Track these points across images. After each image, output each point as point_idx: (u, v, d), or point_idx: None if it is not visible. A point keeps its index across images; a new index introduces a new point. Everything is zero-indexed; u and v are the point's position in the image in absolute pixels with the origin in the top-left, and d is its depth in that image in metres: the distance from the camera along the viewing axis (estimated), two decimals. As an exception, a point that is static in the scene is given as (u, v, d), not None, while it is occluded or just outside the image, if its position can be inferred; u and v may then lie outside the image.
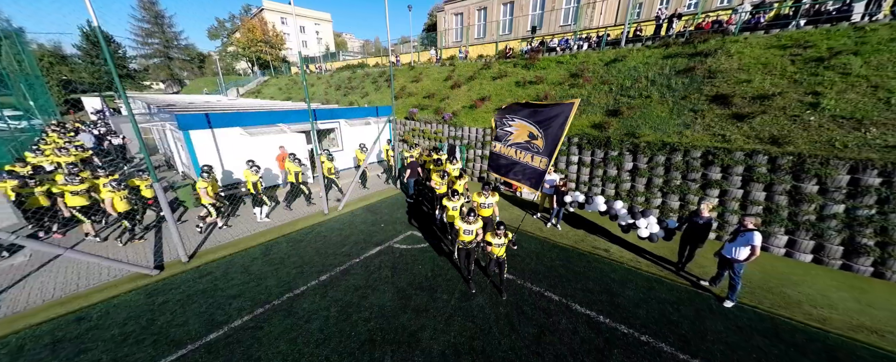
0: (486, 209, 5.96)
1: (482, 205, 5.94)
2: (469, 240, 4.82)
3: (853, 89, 6.79)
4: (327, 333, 4.12)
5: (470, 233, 4.79)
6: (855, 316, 4.46)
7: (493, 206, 6.06)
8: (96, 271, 5.37)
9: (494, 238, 4.53)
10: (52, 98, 28.21)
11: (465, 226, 4.78)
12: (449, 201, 5.83)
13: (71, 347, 3.86)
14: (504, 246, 4.60)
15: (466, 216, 4.80)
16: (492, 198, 6.02)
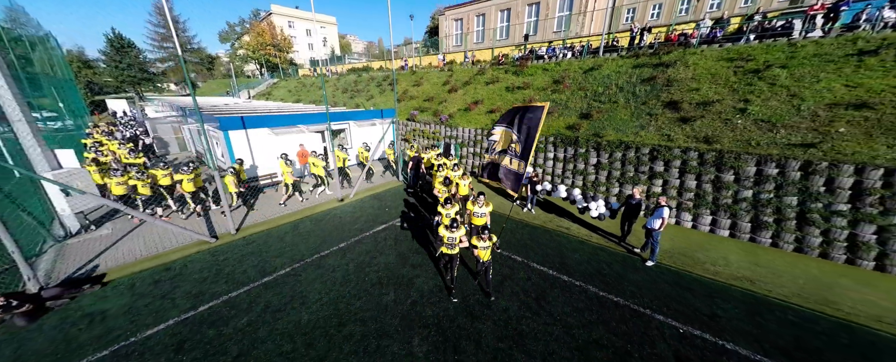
0: (479, 218, 6.10)
1: (475, 213, 6.08)
2: (453, 251, 4.97)
3: (775, 97, 8.22)
4: (348, 278, 5.68)
5: (453, 240, 4.89)
6: (741, 271, 5.93)
7: (486, 216, 6.12)
8: (170, 238, 7.00)
9: (480, 242, 4.69)
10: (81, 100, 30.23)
11: (448, 234, 4.88)
12: (443, 208, 5.95)
13: (167, 285, 5.46)
14: (489, 249, 4.79)
15: (450, 226, 4.89)
16: (486, 208, 6.07)
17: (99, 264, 6.01)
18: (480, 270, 5.07)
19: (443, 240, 4.95)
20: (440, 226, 5.10)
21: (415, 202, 9.71)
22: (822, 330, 4.45)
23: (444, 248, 4.98)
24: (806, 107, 7.58)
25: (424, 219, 8.28)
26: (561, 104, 11.94)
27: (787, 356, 4.01)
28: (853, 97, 7.27)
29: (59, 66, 28.88)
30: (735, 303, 5.01)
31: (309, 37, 61.71)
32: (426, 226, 7.88)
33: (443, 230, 4.99)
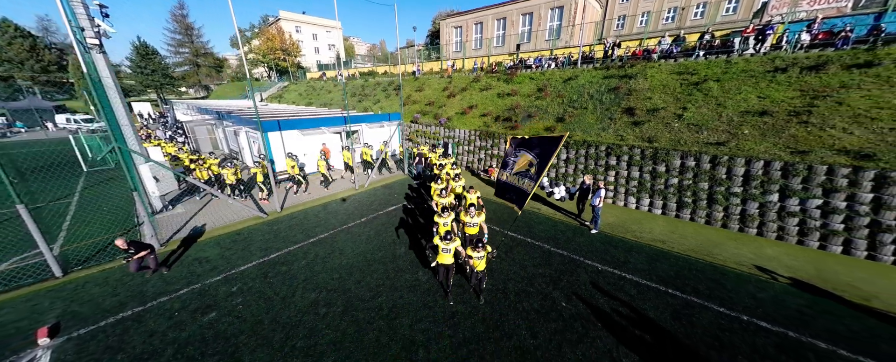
0: (472, 228, 6.30)
1: (468, 223, 6.26)
2: (447, 262, 5.05)
3: (706, 105, 10.28)
4: (370, 239, 7.83)
5: (448, 251, 4.98)
6: (658, 236, 8.02)
7: (478, 225, 6.31)
8: (231, 214, 9.19)
9: (475, 252, 4.80)
10: None
11: (443, 245, 5.00)
12: (440, 218, 6.08)
13: (242, 243, 7.62)
14: (483, 258, 4.91)
15: (444, 238, 5.02)
16: (478, 218, 6.27)
17: (188, 230, 8.22)
18: (475, 278, 5.16)
19: (437, 250, 4.99)
20: (435, 237, 5.16)
21: (417, 189, 11.86)
22: (696, 268, 6.54)
23: (439, 257, 5.06)
24: (725, 114, 9.66)
25: (424, 202, 10.43)
26: (542, 109, 14.06)
27: (664, 282, 6.10)
28: (760, 106, 9.35)
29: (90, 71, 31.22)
30: (644, 254, 7.12)
31: (315, 41, 64.01)
32: (425, 210, 10.01)
33: (437, 240, 5.08)
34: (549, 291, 5.77)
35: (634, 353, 4.41)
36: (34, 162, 16.35)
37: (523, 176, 6.37)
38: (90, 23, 7.69)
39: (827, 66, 9.26)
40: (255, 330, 4.83)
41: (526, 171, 6.39)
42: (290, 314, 5.18)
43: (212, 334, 4.73)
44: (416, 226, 8.63)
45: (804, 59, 9.86)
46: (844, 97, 8.42)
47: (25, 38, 31.69)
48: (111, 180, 13.01)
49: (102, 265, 6.58)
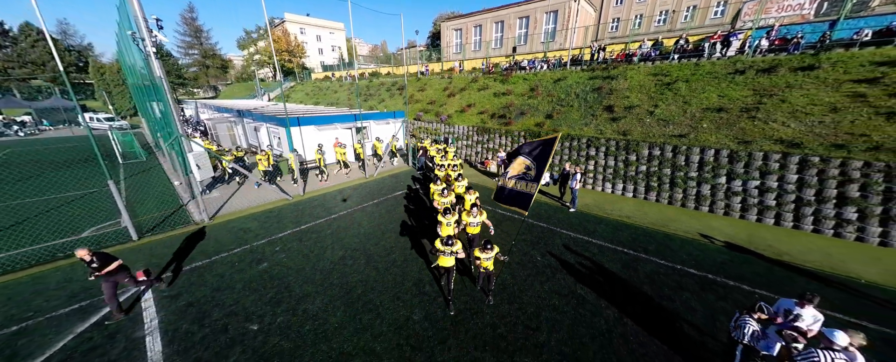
0: (474, 227, 6.33)
1: (470, 223, 6.27)
2: (448, 264, 4.98)
3: (674, 103, 11.72)
4: (382, 216, 9.29)
5: (449, 256, 4.91)
6: (626, 213, 9.47)
7: (480, 224, 6.34)
8: (262, 196, 10.67)
9: (483, 253, 4.78)
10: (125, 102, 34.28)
11: (447, 249, 4.91)
12: (443, 217, 6.03)
13: (275, 218, 9.10)
14: (492, 259, 4.90)
15: (446, 242, 4.93)
16: (480, 217, 6.29)
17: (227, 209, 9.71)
18: (483, 278, 5.18)
19: (438, 252, 4.94)
20: (437, 240, 5.07)
21: (419, 179, 13.34)
22: (650, 235, 7.98)
23: (440, 260, 4.99)
24: (689, 110, 11.10)
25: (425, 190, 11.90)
26: (533, 107, 15.51)
27: (622, 244, 7.54)
28: (719, 103, 10.79)
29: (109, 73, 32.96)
30: (611, 226, 8.56)
31: (319, 42, 65.57)
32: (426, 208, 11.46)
33: (439, 244, 4.98)
34: (527, 250, 7.24)
35: (589, 288, 5.86)
36: (78, 154, 17.89)
37: (522, 179, 6.20)
38: (148, 34, 9.18)
39: (777, 68, 10.69)
40: (299, 274, 6.30)
41: (524, 174, 6.18)
42: (324, 264, 6.65)
43: (267, 276, 6.21)
44: (419, 208, 10.10)
45: (760, 63, 11.29)
46: (787, 95, 9.85)
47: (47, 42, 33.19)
48: (145, 171, 14.52)
49: (165, 233, 8.06)
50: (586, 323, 4.97)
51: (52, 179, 12.84)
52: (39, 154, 18.43)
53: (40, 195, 10.89)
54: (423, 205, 10.15)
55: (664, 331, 4.78)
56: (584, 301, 5.50)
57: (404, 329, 4.84)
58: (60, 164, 15.59)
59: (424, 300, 5.51)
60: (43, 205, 9.88)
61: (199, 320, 4.99)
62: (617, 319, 5.04)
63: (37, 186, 11.87)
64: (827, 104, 9.12)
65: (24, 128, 24.96)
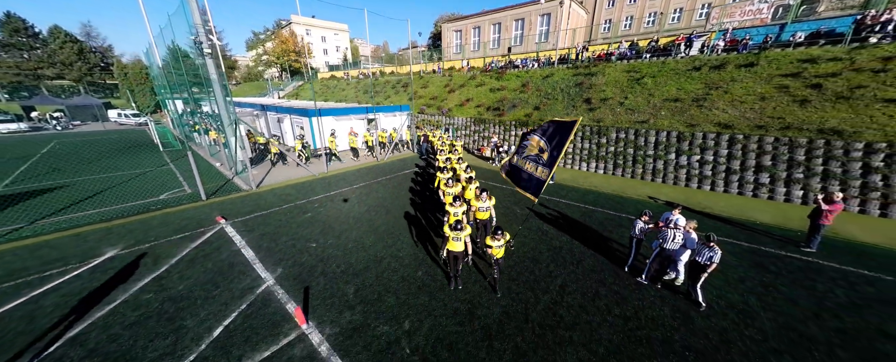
0: (483, 212, 6.20)
1: (480, 208, 6.15)
2: (458, 249, 4.93)
3: (641, 95, 13.76)
4: (395, 186, 11.39)
5: (458, 240, 4.86)
6: (595, 185, 11.52)
7: (489, 209, 6.20)
8: (290, 174, 12.78)
9: (494, 241, 4.75)
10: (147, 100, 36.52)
11: (454, 234, 4.86)
12: (451, 207, 5.85)
13: (308, 187, 11.20)
14: (503, 247, 4.86)
15: (454, 227, 4.88)
16: (489, 202, 6.18)
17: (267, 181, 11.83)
18: (494, 268, 5.08)
19: (447, 239, 4.91)
20: (445, 226, 5.07)
21: (422, 163, 15.43)
22: (609, 197, 10.03)
23: (448, 245, 4.95)
24: (653, 101, 13.14)
25: (429, 170, 13.99)
26: (524, 100, 17.58)
27: (585, 203, 9.59)
28: (676, 94, 12.83)
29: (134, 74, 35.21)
30: (580, 192, 10.62)
31: (324, 42, 67.73)
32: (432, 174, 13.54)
33: (447, 229, 4.97)
34: (509, 205, 9.32)
35: (555, 229, 7.93)
36: (120, 144, 20.09)
37: (534, 161, 5.89)
38: (205, 38, 11.30)
39: (726, 65, 12.73)
40: (336, 219, 8.39)
41: (537, 156, 5.85)
42: (354, 214, 8.74)
43: (313, 220, 8.30)
44: (423, 182, 12.19)
45: (713, 60, 13.33)
46: (730, 87, 11.89)
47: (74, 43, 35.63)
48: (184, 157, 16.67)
49: (225, 196, 10.17)
50: (547, 243, 7.04)
51: (111, 163, 15.01)
52: (85, 145, 20.62)
53: (110, 173, 13.06)
54: (426, 181, 12.24)
55: (601, 248, 6.85)
56: (548, 233, 7.57)
57: (418, 243, 6.93)
58: (111, 152, 17.77)
59: (432, 230, 7.60)
60: (116, 180, 12.03)
61: (273, 241, 7.09)
62: (569, 241, 7.11)
63: (102, 167, 14.04)
64: (758, 94, 11.16)
65: (60, 122, 27.18)
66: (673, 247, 5.14)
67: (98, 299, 5.08)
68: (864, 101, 9.40)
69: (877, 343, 4.20)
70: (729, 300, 5.08)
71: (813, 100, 10.12)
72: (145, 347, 4.13)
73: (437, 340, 4.28)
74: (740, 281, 5.58)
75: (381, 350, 4.13)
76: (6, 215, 8.48)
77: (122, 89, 35.16)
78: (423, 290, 5.36)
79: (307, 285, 5.43)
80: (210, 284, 5.49)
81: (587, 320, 4.66)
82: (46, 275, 5.72)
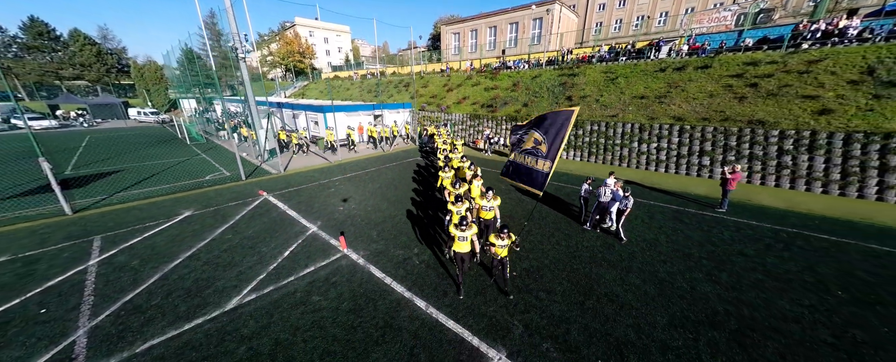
0: (488, 212, 6.09)
1: (484, 207, 6.05)
2: (464, 250, 4.86)
3: (615, 93, 15.79)
4: (400, 171, 13.41)
5: (464, 239, 4.79)
6: (571, 168, 13.55)
7: (494, 209, 6.11)
8: (308, 161, 14.80)
9: (498, 240, 4.71)
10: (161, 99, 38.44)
11: (459, 233, 4.77)
12: (454, 205, 5.83)
13: (327, 171, 13.22)
14: (507, 246, 4.74)
15: (459, 224, 4.79)
16: (494, 202, 6.05)
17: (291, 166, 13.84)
18: (497, 267, 5.00)
19: (453, 239, 4.85)
20: (450, 226, 5.00)
21: (423, 154, 17.47)
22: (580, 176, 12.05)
23: (455, 246, 4.86)
24: (623, 98, 15.18)
25: (428, 158, 16.01)
26: (514, 98, 19.60)
27: (559, 182, 11.62)
28: (643, 92, 14.86)
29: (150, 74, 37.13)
30: (555, 175, 12.65)
31: (326, 44, 69.69)
32: (432, 163, 15.56)
33: (453, 229, 4.88)
34: (494, 183, 11.36)
35: (529, 198, 9.95)
36: (148, 138, 22.10)
37: (533, 154, 5.74)
38: (240, 44, 13.31)
39: (686, 67, 14.76)
40: (355, 192, 10.40)
41: (535, 149, 5.71)
42: (370, 189, 10.76)
43: (336, 193, 10.31)
44: (424, 168, 14.22)
45: (677, 63, 15.37)
46: (687, 86, 13.93)
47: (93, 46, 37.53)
48: (212, 148, 18.67)
49: (260, 177, 12.18)
50: (520, 207, 9.07)
51: (149, 153, 17.03)
52: (117, 139, 22.62)
53: (153, 160, 15.08)
54: (427, 168, 14.27)
55: (564, 210, 8.87)
56: (523, 200, 9.60)
57: (421, 209, 8.95)
58: (143, 145, 19.77)
59: (432, 203, 9.63)
60: (161, 166, 14.04)
61: (309, 206, 9.11)
62: (541, 207, 9.13)
63: (142, 156, 16.05)
64: (708, 92, 13.20)
65: (86, 120, 29.15)
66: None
67: (193, 238, 7.09)
68: (787, 98, 11.45)
69: (733, 257, 6.23)
70: (644, 237, 7.11)
71: (749, 96, 12.16)
72: (241, 261, 6.15)
73: (436, 259, 6.30)
74: (658, 228, 7.61)
75: (399, 263, 6.15)
76: (90, 189, 10.50)
77: (138, 89, 37.12)
78: (426, 233, 7.39)
79: (342, 230, 7.45)
80: (270, 230, 7.51)
81: (541, 248, 6.69)
82: (147, 226, 7.73)
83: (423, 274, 5.74)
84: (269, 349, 4.06)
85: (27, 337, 4.21)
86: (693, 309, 4.76)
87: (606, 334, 4.27)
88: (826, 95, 10.89)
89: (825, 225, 7.68)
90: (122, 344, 4.12)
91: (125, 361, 3.87)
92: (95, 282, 5.46)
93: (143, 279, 5.56)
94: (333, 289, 5.29)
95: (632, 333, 4.28)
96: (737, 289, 5.19)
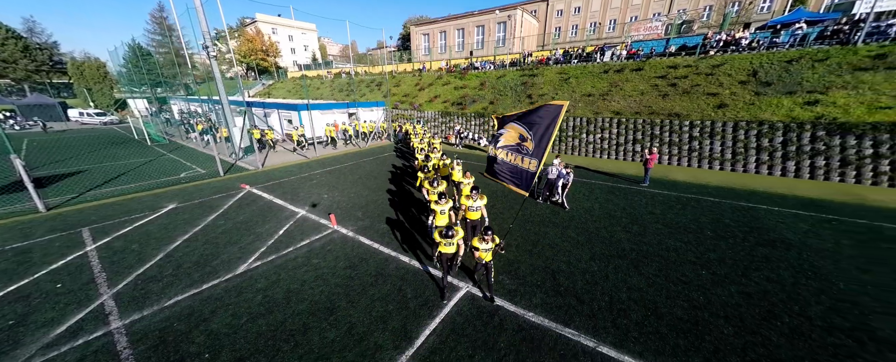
0: (474, 212, 5.87)
1: (470, 207, 5.80)
2: (450, 251, 4.76)
3: (567, 91, 17.94)
4: (377, 164, 14.33)
5: (451, 245, 4.69)
6: (531, 158, 15.38)
7: (480, 209, 5.91)
8: (285, 158, 15.19)
9: (482, 243, 4.47)
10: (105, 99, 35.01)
11: (446, 241, 4.67)
12: (437, 205, 5.66)
13: (306, 166, 13.78)
14: (491, 250, 4.55)
15: (445, 235, 4.65)
16: (480, 201, 5.83)
17: (268, 163, 14.18)
18: (480, 271, 4.83)
19: (439, 245, 4.68)
20: (435, 233, 4.80)
21: (398, 149, 18.48)
22: (538, 165, 13.85)
23: (441, 248, 4.73)
24: (574, 96, 17.34)
25: (404, 152, 17.07)
26: (482, 97, 21.23)
27: (521, 169, 13.28)
28: (590, 91, 17.12)
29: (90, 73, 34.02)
30: (518, 163, 14.34)
31: (291, 41, 67.32)
32: (407, 154, 16.63)
33: (438, 236, 4.72)
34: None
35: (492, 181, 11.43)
36: (102, 141, 20.62)
37: (517, 151, 5.49)
38: (211, 43, 13.40)
39: (624, 69, 17.25)
40: (337, 183, 11.21)
41: (518, 146, 5.44)
42: (350, 179, 11.61)
43: (318, 185, 11.04)
44: (400, 161, 15.26)
45: (617, 66, 17.85)
46: (624, 85, 16.35)
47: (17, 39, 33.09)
48: (178, 148, 18.13)
49: (239, 173, 12.47)
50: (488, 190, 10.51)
51: (108, 154, 16.24)
52: (64, 142, 20.85)
53: (115, 161, 14.54)
54: (404, 159, 15.33)
55: (520, 189, 10.44)
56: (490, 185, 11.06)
57: (399, 197, 10.05)
58: (98, 147, 18.60)
59: (410, 189, 10.76)
60: (127, 167, 13.67)
61: (294, 195, 9.81)
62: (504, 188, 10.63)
63: (101, 157, 15.34)
64: (640, 90, 15.68)
65: (17, 122, 26.12)
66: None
67: (186, 225, 7.60)
68: (697, 95, 14.11)
69: (644, 215, 8.11)
70: (583, 206, 8.85)
71: (670, 94, 14.74)
72: (240, 239, 6.87)
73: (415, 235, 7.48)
74: (595, 199, 9.43)
75: (384, 233, 7.23)
76: (53, 189, 10.25)
77: (77, 88, 33.49)
78: (406, 214, 8.53)
79: (330, 212, 8.34)
80: (262, 215, 8.20)
81: (502, 217, 8.13)
82: (134, 218, 8.04)
83: (407, 240, 6.90)
84: (283, 296, 5.00)
85: (53, 304, 4.76)
86: (609, 248, 6.42)
87: (546, 267, 5.75)
88: (723, 93, 13.65)
89: (714, 191, 9.99)
90: (149, 302, 4.83)
91: (157, 313, 4.62)
92: (101, 263, 5.94)
93: (149, 257, 6.13)
94: (330, 254, 6.27)
95: (563, 265, 5.80)
96: (641, 235, 6.97)
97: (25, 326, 4.32)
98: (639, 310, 4.58)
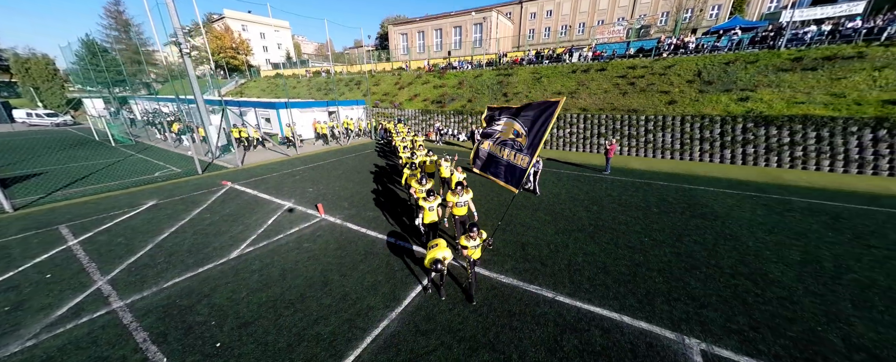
0: (461, 208, 5.82)
1: (457, 203, 5.77)
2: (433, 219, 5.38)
3: (539, 90, 19.13)
4: (360, 160, 14.68)
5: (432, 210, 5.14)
6: (507, 152, 16.36)
7: (467, 204, 5.83)
8: (265, 156, 15.15)
9: (469, 241, 4.40)
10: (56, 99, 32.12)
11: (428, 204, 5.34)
12: (425, 202, 5.64)
13: (289, 163, 13.87)
14: (479, 246, 4.52)
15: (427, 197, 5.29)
16: (466, 196, 5.78)
17: (248, 161, 14.10)
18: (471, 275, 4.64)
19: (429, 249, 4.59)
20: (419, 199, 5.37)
21: (380, 148, 18.86)
22: (514, 159, 14.82)
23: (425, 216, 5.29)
24: (546, 94, 18.55)
25: (386, 149, 17.49)
26: (460, 95, 22.03)
27: (497, 162, 14.17)
28: (560, 89, 18.39)
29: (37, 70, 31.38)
30: (495, 157, 15.25)
31: (263, 39, 64.93)
32: (388, 151, 17.06)
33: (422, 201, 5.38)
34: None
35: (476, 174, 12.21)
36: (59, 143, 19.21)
37: (510, 146, 5.39)
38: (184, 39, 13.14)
39: (590, 70, 18.67)
40: (321, 177, 11.49)
41: (512, 141, 5.37)
42: (335, 174, 11.93)
43: (301, 180, 11.28)
44: (382, 158, 15.69)
45: (584, 66, 19.28)
46: (590, 84, 17.74)
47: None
48: (146, 149, 17.41)
49: (218, 171, 12.38)
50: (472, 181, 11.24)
51: (69, 155, 15.34)
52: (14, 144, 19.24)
53: (78, 162, 13.83)
54: (385, 158, 15.77)
55: (497, 179, 11.29)
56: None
57: (382, 188, 10.56)
58: (55, 149, 17.43)
59: (392, 183, 11.28)
60: (92, 167, 13.10)
61: (278, 189, 10.03)
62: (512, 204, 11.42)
63: (63, 158, 14.50)
64: (604, 89, 17.11)
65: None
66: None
67: (171, 219, 7.70)
68: (651, 93, 15.69)
69: (603, 198, 9.18)
70: (552, 191, 9.82)
71: (629, 92, 16.25)
72: (229, 229, 7.12)
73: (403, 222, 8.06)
74: (562, 186, 10.45)
75: (371, 220, 7.75)
76: (14, 190, 9.77)
77: (22, 87, 30.44)
78: (391, 202, 9.07)
79: (317, 203, 8.71)
80: (248, 208, 8.42)
81: (479, 202, 8.89)
82: (113, 215, 7.99)
83: (393, 222, 7.46)
84: (279, 274, 5.42)
85: (47, 292, 4.89)
86: (571, 224, 7.35)
87: (516, 241, 6.55)
88: (674, 91, 15.30)
89: (664, 177, 11.36)
90: (147, 285, 5.08)
91: (157, 293, 4.90)
92: (88, 255, 6.03)
93: (138, 248, 6.28)
94: (320, 239, 6.71)
95: (532, 239, 6.63)
96: (599, 213, 7.99)
97: (23, 311, 4.48)
98: (590, 269, 5.47)
